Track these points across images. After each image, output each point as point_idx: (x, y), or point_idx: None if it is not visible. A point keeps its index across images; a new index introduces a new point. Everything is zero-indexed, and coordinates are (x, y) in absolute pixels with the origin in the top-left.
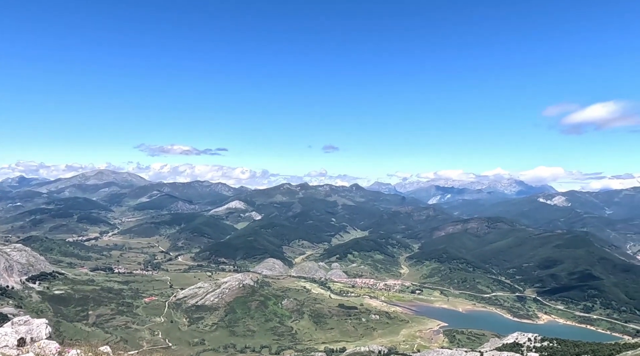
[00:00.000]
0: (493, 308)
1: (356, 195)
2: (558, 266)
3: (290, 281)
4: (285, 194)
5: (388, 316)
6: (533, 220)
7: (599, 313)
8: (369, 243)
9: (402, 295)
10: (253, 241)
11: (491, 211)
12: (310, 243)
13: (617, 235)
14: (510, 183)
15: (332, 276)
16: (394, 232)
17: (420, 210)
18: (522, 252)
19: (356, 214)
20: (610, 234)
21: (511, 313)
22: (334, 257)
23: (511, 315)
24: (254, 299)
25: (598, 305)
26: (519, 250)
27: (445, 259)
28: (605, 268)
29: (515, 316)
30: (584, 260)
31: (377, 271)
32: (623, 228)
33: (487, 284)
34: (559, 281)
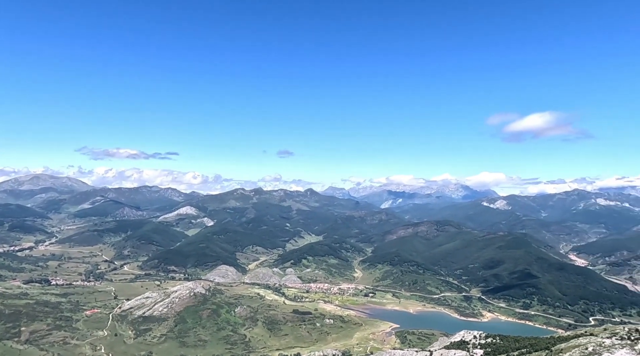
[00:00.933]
0: (442, 308)
1: (311, 200)
2: (500, 266)
3: (244, 288)
4: (239, 199)
5: (342, 320)
6: (478, 222)
7: (536, 309)
8: (324, 247)
9: (355, 298)
10: (205, 248)
11: (440, 215)
12: (264, 249)
13: (551, 236)
14: (457, 188)
15: (287, 282)
16: (348, 236)
17: (373, 215)
18: (468, 254)
19: (311, 219)
20: (545, 235)
21: (458, 312)
22: (288, 262)
23: (458, 314)
24: (205, 308)
25: (535, 301)
26: (465, 252)
27: (397, 262)
28: (542, 267)
29: (462, 315)
30: (523, 260)
31: (332, 276)
32: (556, 229)
33: (437, 285)
34: (501, 281)
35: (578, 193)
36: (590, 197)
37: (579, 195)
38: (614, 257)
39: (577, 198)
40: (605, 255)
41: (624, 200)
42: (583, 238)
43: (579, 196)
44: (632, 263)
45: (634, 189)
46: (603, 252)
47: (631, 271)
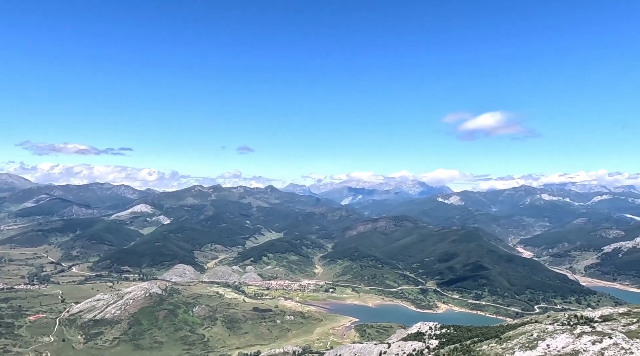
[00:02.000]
0: (399, 301)
1: (271, 197)
2: (454, 259)
3: (203, 287)
4: (197, 196)
5: (302, 316)
6: (433, 217)
7: (487, 299)
8: (284, 244)
9: (316, 294)
10: (161, 246)
11: (397, 210)
12: (223, 247)
13: (501, 230)
14: (414, 184)
15: (247, 280)
16: (309, 232)
17: (333, 211)
18: (424, 248)
19: (271, 216)
20: (495, 229)
21: (415, 304)
22: (248, 259)
23: (415, 306)
24: (162, 308)
25: (486, 292)
26: (421, 246)
27: (356, 257)
28: (492, 259)
29: (419, 308)
30: (475, 252)
31: (292, 272)
32: (505, 223)
33: (394, 279)
34: (455, 273)
35: (525, 189)
36: (535, 192)
37: (525, 190)
38: (556, 248)
39: (524, 193)
40: (549, 247)
41: (566, 196)
42: (529, 231)
43: (526, 192)
44: (572, 254)
45: (574, 185)
46: (547, 244)
47: (571, 261)
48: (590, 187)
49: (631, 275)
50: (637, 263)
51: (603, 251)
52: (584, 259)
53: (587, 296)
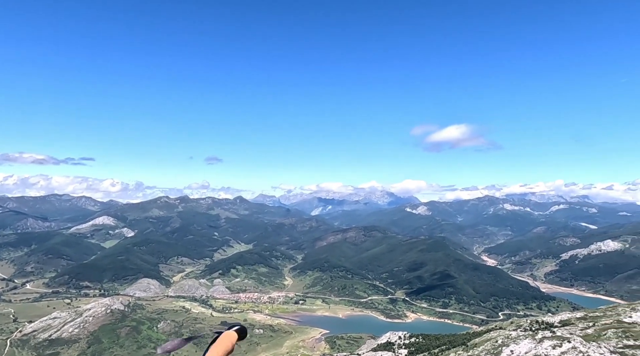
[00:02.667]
0: (369, 311)
1: (240, 208)
2: (422, 268)
3: (168, 302)
4: (163, 208)
5: (272, 329)
6: (402, 227)
7: (454, 307)
8: (253, 256)
9: (286, 306)
10: (124, 260)
11: (367, 220)
12: (190, 260)
13: (466, 239)
14: (383, 195)
15: (215, 293)
16: (279, 243)
17: (303, 222)
18: (393, 257)
19: (240, 227)
20: (461, 238)
21: (384, 314)
22: (216, 272)
23: (384, 316)
24: (124, 325)
25: (453, 300)
26: (390, 256)
27: (326, 268)
28: (459, 267)
29: (388, 317)
30: (442, 261)
31: (262, 285)
32: (470, 232)
33: (364, 289)
34: (423, 282)
35: (488, 199)
36: (498, 202)
37: (489, 201)
38: (518, 256)
39: (487, 203)
40: (511, 255)
41: (526, 205)
42: (493, 240)
43: (489, 202)
44: (532, 261)
45: (534, 195)
46: (509, 252)
47: (532, 268)
48: (549, 197)
49: (587, 280)
50: (592, 269)
51: (561, 258)
52: (543, 266)
53: (547, 302)
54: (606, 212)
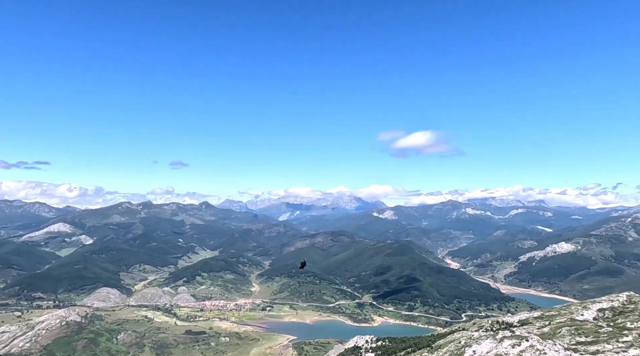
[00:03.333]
0: (337, 316)
1: (206, 214)
2: (389, 272)
3: (129, 312)
4: (125, 214)
5: (239, 336)
6: (369, 232)
7: (419, 310)
8: (219, 263)
9: (253, 313)
10: (82, 269)
11: (335, 225)
12: (153, 267)
13: (431, 242)
14: (351, 200)
15: (179, 302)
16: (246, 249)
17: (271, 227)
18: (361, 262)
19: (206, 233)
20: (426, 242)
21: (352, 319)
22: (180, 280)
23: (352, 320)
24: (81, 338)
25: (419, 303)
26: (357, 260)
27: (294, 274)
28: (424, 271)
29: (355, 322)
30: (408, 265)
31: (228, 292)
32: (435, 236)
33: (332, 294)
34: (390, 286)
35: (452, 204)
36: (461, 207)
37: (452, 205)
38: (480, 259)
39: (451, 208)
40: (473, 258)
41: (487, 209)
42: (456, 243)
43: (453, 206)
44: (493, 263)
45: (494, 200)
46: (471, 255)
47: (492, 270)
48: (508, 202)
49: (543, 281)
50: (547, 270)
51: (519, 260)
52: (503, 268)
53: (507, 303)
54: (560, 215)
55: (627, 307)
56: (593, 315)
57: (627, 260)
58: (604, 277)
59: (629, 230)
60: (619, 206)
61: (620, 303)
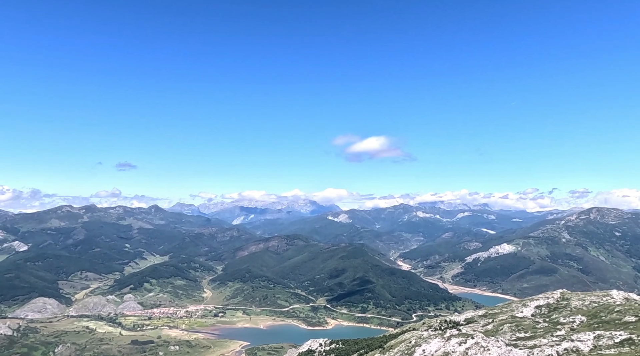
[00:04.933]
0: (291, 320)
1: (155, 218)
2: (343, 275)
3: (68, 323)
4: (64, 218)
5: (189, 345)
6: (323, 235)
7: (372, 311)
8: (169, 268)
9: (204, 320)
10: (13, 278)
11: (290, 229)
12: (96, 275)
13: (383, 245)
14: (306, 203)
15: (125, 310)
16: (197, 254)
17: (224, 231)
18: (315, 265)
19: (155, 238)
20: (379, 244)
21: (306, 322)
22: (127, 287)
23: (306, 324)
24: (12, 353)
25: (372, 305)
26: (312, 264)
27: (248, 278)
28: (376, 273)
29: (310, 325)
30: (361, 267)
31: (178, 298)
32: (387, 239)
33: (286, 298)
34: (344, 288)
35: (403, 207)
36: (412, 210)
37: (404, 208)
38: (429, 260)
39: (402, 211)
40: (423, 259)
41: (436, 213)
42: (407, 245)
43: (404, 209)
44: (441, 265)
45: (442, 203)
46: (421, 256)
47: (441, 271)
48: (455, 205)
49: (487, 281)
50: (491, 270)
51: (466, 261)
52: (451, 269)
53: (454, 303)
54: (502, 218)
55: (561, 303)
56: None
57: (560, 259)
58: (540, 276)
59: (563, 232)
60: (553, 209)
61: (555, 300)
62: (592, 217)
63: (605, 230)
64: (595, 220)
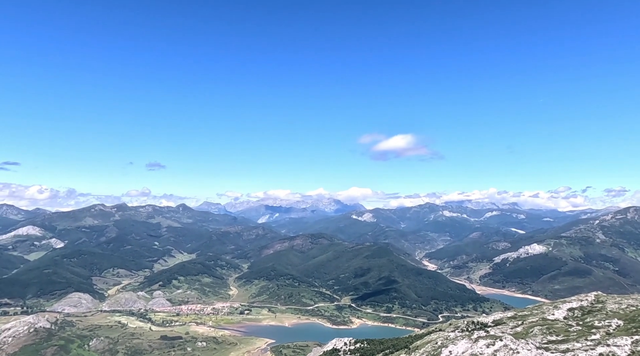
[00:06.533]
0: (316, 318)
1: (183, 216)
2: (368, 274)
3: (102, 317)
4: (98, 217)
5: (216, 341)
6: (348, 234)
7: (397, 311)
8: (197, 266)
9: (230, 317)
10: (52, 274)
11: (314, 228)
12: (128, 271)
13: (409, 244)
14: (330, 202)
15: (154, 306)
16: (224, 252)
17: (250, 230)
18: (340, 264)
19: (183, 236)
20: (404, 244)
21: (331, 321)
22: (156, 284)
23: (331, 323)
24: (50, 345)
25: (397, 305)
26: (337, 262)
27: (273, 276)
28: (402, 272)
29: (334, 324)
30: (386, 267)
31: (205, 295)
32: (413, 238)
33: (311, 297)
34: (369, 288)
35: (429, 207)
36: (438, 209)
37: (430, 208)
38: (456, 260)
39: (428, 210)
40: (450, 259)
41: (463, 212)
42: (433, 245)
43: (430, 209)
44: (469, 265)
45: (470, 202)
46: (448, 256)
47: (468, 272)
48: (483, 204)
49: (516, 282)
50: (521, 271)
51: (494, 261)
52: (479, 269)
53: (482, 304)
54: (532, 217)
55: (595, 306)
56: (563, 314)
57: (594, 261)
58: (573, 277)
59: (597, 232)
60: (587, 209)
61: (589, 302)
62: (630, 216)
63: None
64: (632, 220)
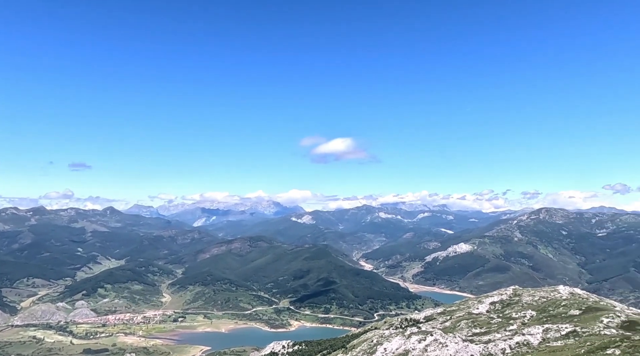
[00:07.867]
0: (254, 323)
1: (111, 220)
2: (307, 276)
3: (13, 333)
4: (10, 221)
5: (147, 351)
6: (287, 237)
7: (335, 312)
8: (125, 273)
9: (163, 325)
10: None
11: (253, 231)
12: (45, 281)
13: (347, 246)
14: (269, 205)
15: (76, 318)
16: (156, 258)
17: (184, 234)
18: (279, 267)
19: (110, 241)
20: (342, 245)
21: (269, 325)
22: (79, 293)
23: (269, 326)
24: None
25: (335, 305)
26: (276, 265)
27: (209, 281)
28: (340, 273)
29: (272, 327)
30: (325, 268)
31: (135, 304)
32: (351, 239)
33: (249, 301)
34: (308, 290)
35: (366, 208)
36: (375, 211)
37: (367, 209)
38: (391, 260)
39: (365, 212)
40: (385, 259)
41: (397, 214)
42: (370, 246)
43: (367, 210)
44: (402, 264)
45: (404, 204)
46: (383, 256)
47: (402, 271)
48: (416, 206)
49: (445, 279)
50: (449, 269)
51: (425, 260)
52: (412, 268)
53: (414, 301)
54: (460, 218)
55: (513, 299)
56: (486, 308)
57: (513, 257)
58: (495, 274)
59: (515, 231)
60: (507, 210)
61: (508, 296)
62: (542, 217)
63: (553, 229)
64: (544, 220)
